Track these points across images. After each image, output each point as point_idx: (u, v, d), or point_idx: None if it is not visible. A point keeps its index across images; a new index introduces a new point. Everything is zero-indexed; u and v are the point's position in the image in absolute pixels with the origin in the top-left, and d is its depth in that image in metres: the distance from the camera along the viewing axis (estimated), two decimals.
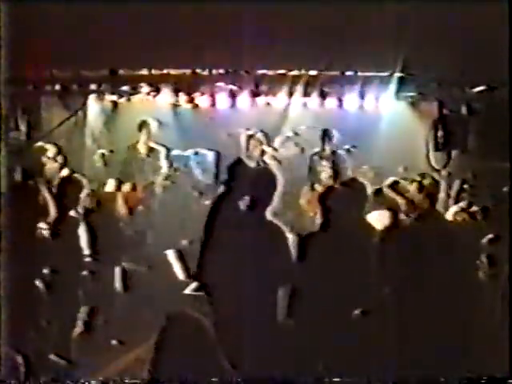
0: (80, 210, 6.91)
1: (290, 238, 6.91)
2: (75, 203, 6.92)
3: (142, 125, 6.98)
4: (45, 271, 6.83)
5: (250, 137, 6.99)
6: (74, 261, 6.86)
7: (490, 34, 6.36)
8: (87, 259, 6.87)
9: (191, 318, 6.80)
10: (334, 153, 6.99)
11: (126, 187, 6.95)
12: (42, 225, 6.85)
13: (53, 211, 6.90)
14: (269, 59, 6.74)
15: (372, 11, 6.32)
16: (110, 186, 6.93)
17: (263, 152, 7.01)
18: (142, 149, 6.95)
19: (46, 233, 6.85)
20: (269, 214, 6.93)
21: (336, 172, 6.97)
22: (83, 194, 6.92)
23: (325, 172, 6.97)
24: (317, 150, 7.00)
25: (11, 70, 6.57)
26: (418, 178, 6.97)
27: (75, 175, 6.95)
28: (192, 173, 6.99)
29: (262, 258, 6.82)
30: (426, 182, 6.99)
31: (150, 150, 6.98)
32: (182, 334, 6.78)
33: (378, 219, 6.91)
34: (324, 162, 6.98)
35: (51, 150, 6.92)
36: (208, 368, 6.74)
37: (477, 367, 6.66)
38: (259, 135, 7.00)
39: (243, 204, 6.92)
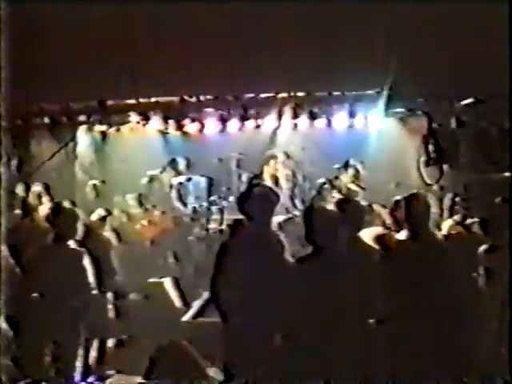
0: (78, 240, 6.93)
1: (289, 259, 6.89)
2: (70, 235, 6.94)
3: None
4: None
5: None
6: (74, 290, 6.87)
7: (478, 47, 6.39)
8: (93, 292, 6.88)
9: (187, 347, 6.77)
10: (325, 172, 6.98)
11: (121, 216, 6.96)
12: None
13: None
14: (256, 83, 6.77)
15: (358, 30, 6.37)
16: (97, 215, 6.97)
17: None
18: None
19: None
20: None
21: (328, 192, 6.97)
22: (78, 225, 6.94)
23: (316, 192, 6.96)
24: (308, 170, 6.99)
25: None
26: (411, 194, 6.95)
27: (67, 207, 6.96)
28: (185, 199, 6.99)
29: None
30: (419, 197, 6.97)
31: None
32: (178, 362, 6.75)
33: (372, 237, 6.87)
34: (315, 183, 6.97)
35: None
36: None
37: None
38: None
39: None
